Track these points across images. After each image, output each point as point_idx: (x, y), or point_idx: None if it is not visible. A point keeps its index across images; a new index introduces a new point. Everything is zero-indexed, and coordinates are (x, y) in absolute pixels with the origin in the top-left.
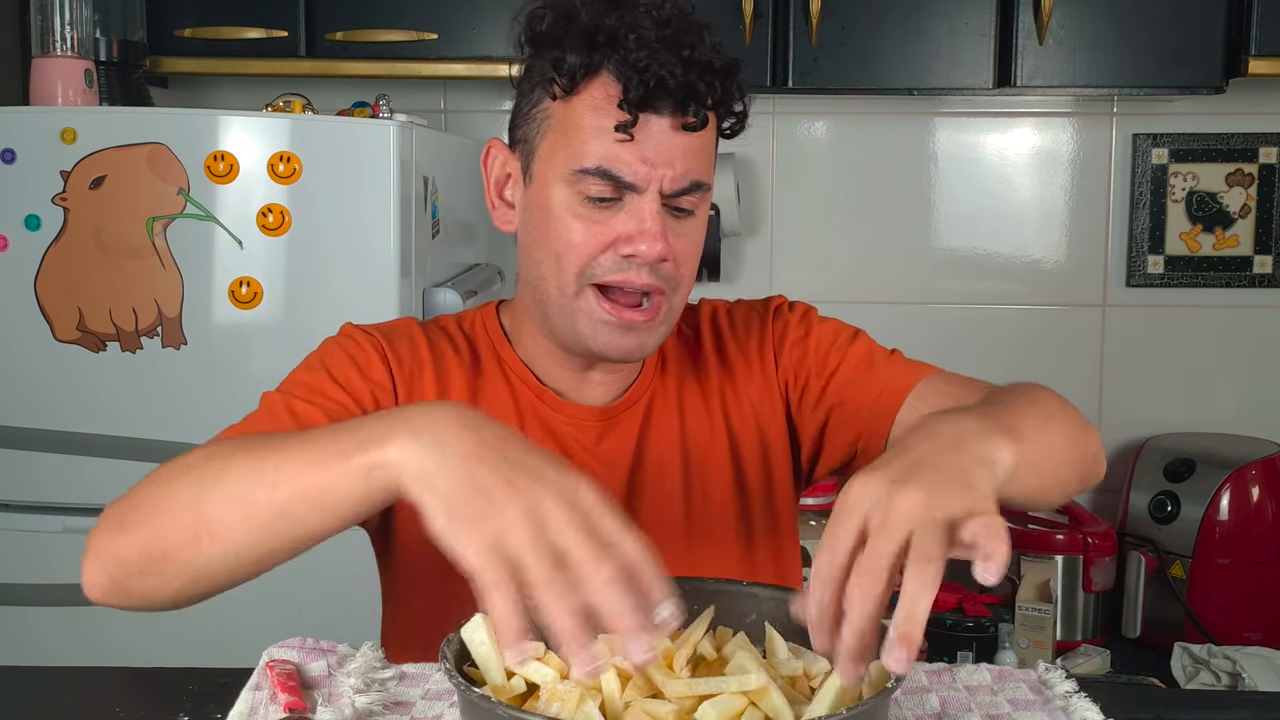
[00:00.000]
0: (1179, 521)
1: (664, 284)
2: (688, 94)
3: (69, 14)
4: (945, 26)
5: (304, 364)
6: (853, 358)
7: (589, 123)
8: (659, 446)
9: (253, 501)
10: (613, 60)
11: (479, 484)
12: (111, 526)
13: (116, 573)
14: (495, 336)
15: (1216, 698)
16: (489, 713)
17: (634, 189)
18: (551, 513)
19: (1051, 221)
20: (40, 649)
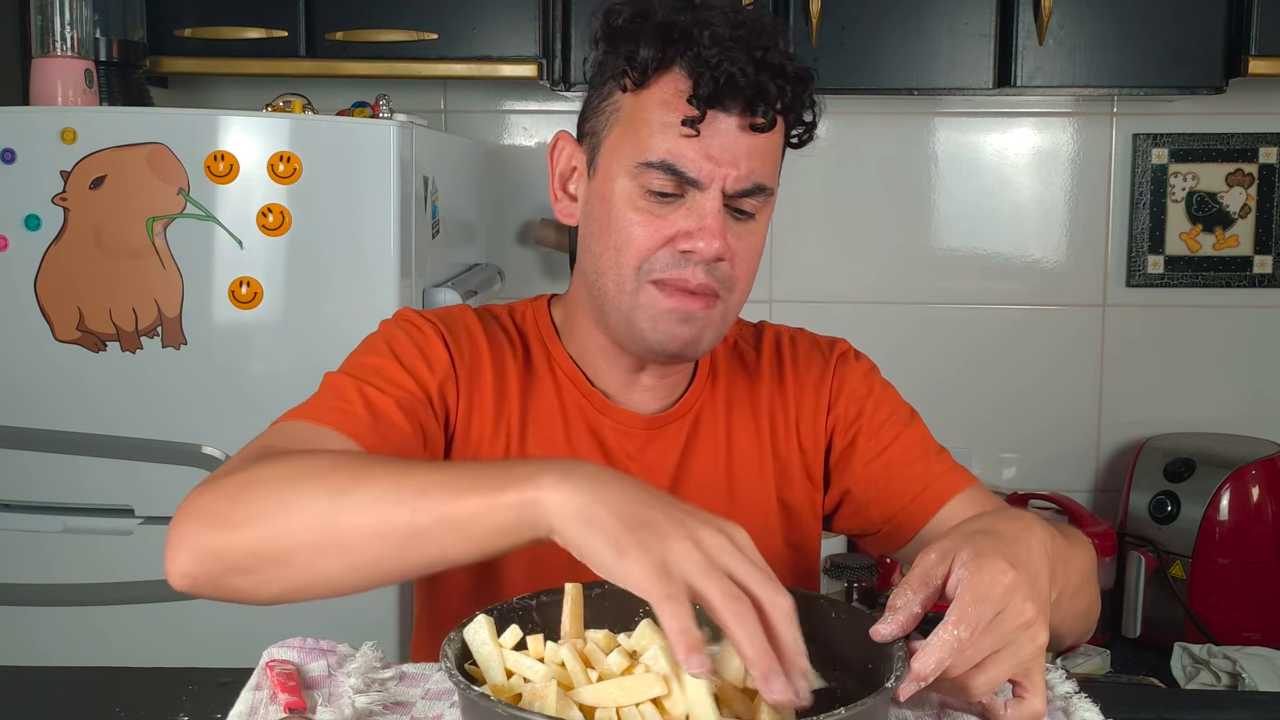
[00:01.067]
0: (1179, 521)
1: (719, 286)
2: (757, 94)
3: (69, 14)
4: (945, 26)
5: (368, 346)
6: (908, 440)
7: (657, 117)
8: (703, 460)
9: (391, 520)
10: (685, 56)
11: (643, 519)
12: (209, 520)
13: (214, 568)
14: (546, 332)
15: (1216, 698)
16: (489, 712)
17: (696, 185)
18: (717, 546)
19: (1051, 221)
20: (40, 649)
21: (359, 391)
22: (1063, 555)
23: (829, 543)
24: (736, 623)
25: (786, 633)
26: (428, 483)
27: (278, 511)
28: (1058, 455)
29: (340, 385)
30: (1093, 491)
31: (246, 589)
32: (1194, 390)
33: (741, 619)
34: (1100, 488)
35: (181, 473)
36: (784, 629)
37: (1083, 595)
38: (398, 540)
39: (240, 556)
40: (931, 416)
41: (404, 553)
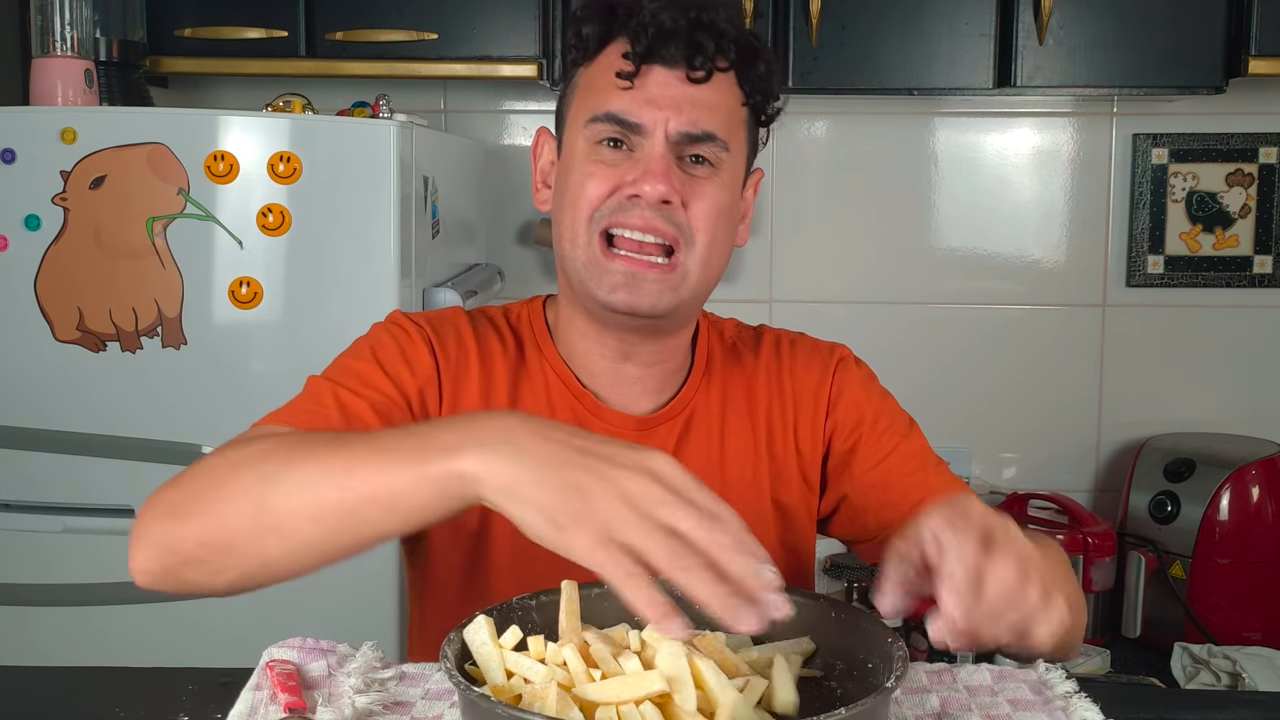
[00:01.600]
0: (1179, 521)
1: (675, 231)
2: (692, 47)
3: (69, 14)
4: (945, 26)
5: (353, 350)
6: (907, 450)
7: (602, 79)
8: (695, 462)
9: (321, 499)
10: (627, 25)
11: (569, 483)
12: (164, 514)
13: (170, 561)
14: (539, 332)
15: (1216, 698)
16: (489, 713)
17: (639, 130)
18: (645, 495)
19: (1051, 221)
20: (40, 649)
21: (334, 395)
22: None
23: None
24: (685, 576)
25: (734, 565)
26: (355, 459)
27: (219, 500)
28: (1058, 455)
29: (317, 389)
30: (1093, 491)
31: (201, 580)
32: (1194, 390)
33: (689, 571)
34: (1100, 488)
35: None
36: (730, 562)
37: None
38: (330, 520)
39: (191, 548)
40: (931, 416)
41: (339, 532)
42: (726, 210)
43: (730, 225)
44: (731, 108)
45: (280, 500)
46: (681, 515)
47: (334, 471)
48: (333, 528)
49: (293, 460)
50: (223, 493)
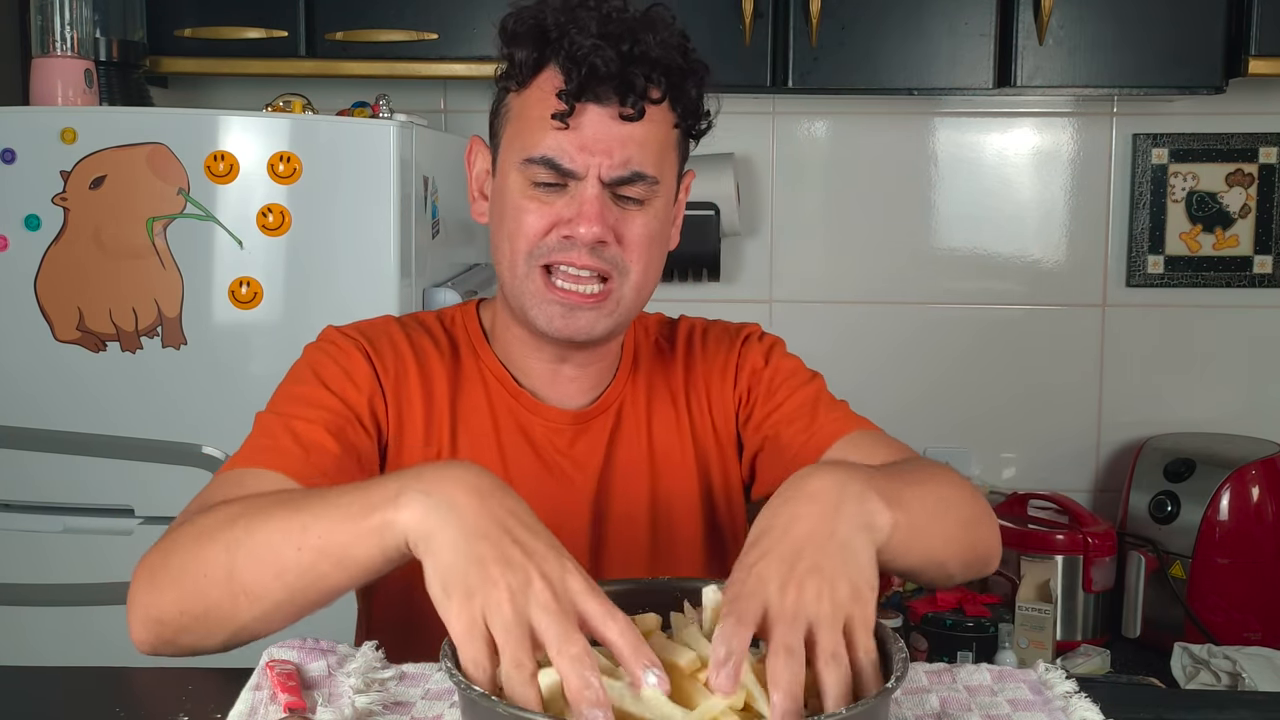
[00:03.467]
0: (1179, 521)
1: (609, 267)
2: (624, 85)
3: (69, 14)
4: (945, 26)
5: (291, 376)
6: (799, 398)
7: (535, 113)
8: (627, 451)
9: (282, 560)
10: (560, 55)
11: (476, 556)
12: (146, 584)
13: (161, 631)
14: (474, 334)
15: (1216, 698)
16: (489, 712)
17: (573, 175)
18: (537, 593)
19: (1051, 221)
20: (40, 649)
21: (286, 427)
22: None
23: None
24: (510, 685)
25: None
26: (309, 516)
27: (192, 572)
28: (1058, 455)
29: (268, 424)
30: (1093, 491)
31: (194, 644)
32: (1194, 390)
33: (516, 683)
34: (1100, 488)
35: (181, 473)
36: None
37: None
38: (292, 579)
39: (175, 618)
40: (931, 416)
41: (302, 590)
42: (658, 234)
43: (662, 244)
44: (663, 137)
45: (246, 565)
46: (553, 623)
47: (291, 532)
48: (295, 586)
49: (254, 525)
50: (194, 564)
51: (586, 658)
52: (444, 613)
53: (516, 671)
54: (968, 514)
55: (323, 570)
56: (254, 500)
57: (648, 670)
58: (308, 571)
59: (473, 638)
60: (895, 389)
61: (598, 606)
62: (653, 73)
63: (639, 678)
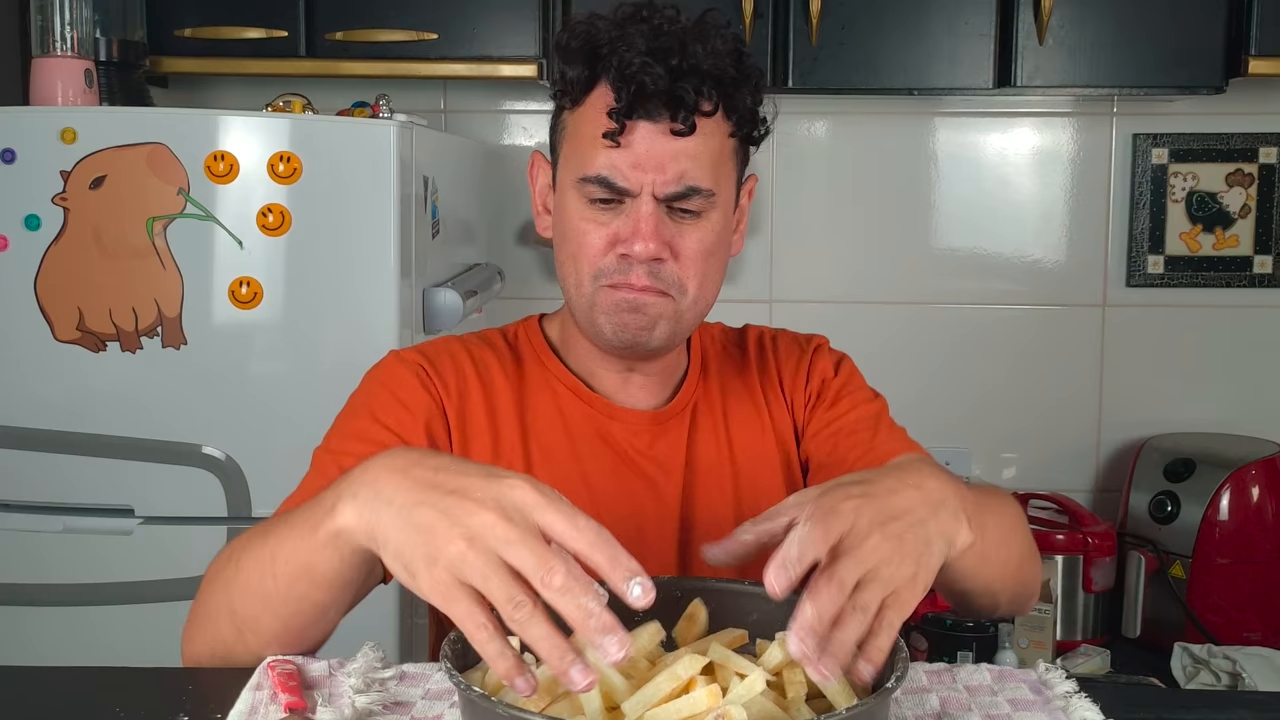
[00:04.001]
0: (1179, 521)
1: (666, 287)
2: (674, 100)
3: (69, 14)
4: (945, 26)
5: (347, 410)
6: (861, 412)
7: (589, 131)
8: (706, 450)
9: (264, 591)
10: (610, 72)
11: (419, 524)
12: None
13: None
14: (541, 349)
15: (1216, 698)
16: (489, 712)
17: (627, 193)
18: (493, 529)
19: (1051, 221)
20: (40, 649)
21: (337, 465)
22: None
23: None
24: (520, 630)
25: (567, 609)
26: (276, 543)
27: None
28: (1058, 455)
29: (321, 464)
30: (1093, 491)
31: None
32: (1194, 390)
33: (523, 624)
34: (1100, 488)
35: (181, 473)
36: (561, 606)
37: (1009, 547)
38: (278, 606)
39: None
40: (931, 416)
41: (291, 616)
42: (716, 246)
43: (721, 256)
44: (718, 148)
45: (239, 601)
46: (522, 554)
47: (264, 561)
48: (282, 613)
49: (241, 560)
50: (208, 607)
51: (574, 583)
52: (416, 589)
53: (517, 611)
54: (1024, 551)
55: (300, 591)
56: (243, 535)
57: (631, 581)
58: (287, 594)
59: (454, 598)
60: (895, 389)
61: (557, 517)
62: (703, 85)
63: (623, 591)
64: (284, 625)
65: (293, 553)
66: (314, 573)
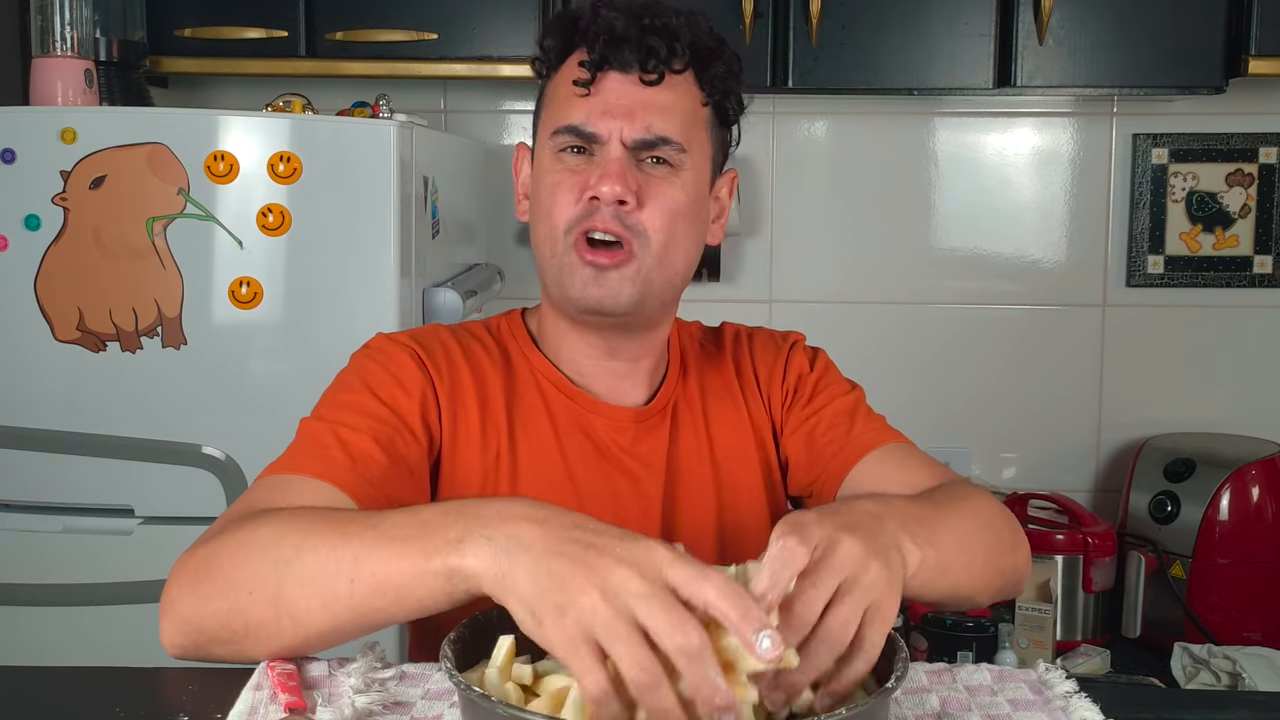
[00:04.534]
0: (1179, 521)
1: (630, 233)
2: (643, 50)
3: (69, 14)
4: (945, 26)
5: (339, 383)
6: (839, 405)
7: (563, 90)
8: (688, 448)
9: (332, 592)
10: (585, 34)
11: (552, 573)
12: (188, 589)
13: (198, 638)
14: (524, 342)
15: (1216, 698)
16: (489, 713)
17: (596, 139)
18: (626, 586)
19: (1051, 221)
20: (40, 649)
21: (334, 434)
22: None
23: None
24: (642, 695)
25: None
26: (363, 548)
27: (236, 585)
28: (1058, 455)
29: (315, 431)
30: (1093, 491)
31: (228, 656)
32: (1194, 390)
33: (649, 691)
34: (1100, 488)
35: (181, 473)
36: (688, 673)
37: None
38: (340, 610)
39: (213, 628)
40: (931, 416)
41: (350, 621)
42: (686, 210)
43: (693, 225)
44: (690, 109)
45: (293, 589)
46: (654, 610)
47: (343, 561)
48: (343, 617)
49: (304, 546)
50: (240, 576)
51: (705, 650)
52: (542, 639)
53: (644, 676)
54: (995, 543)
55: (376, 605)
56: (303, 516)
57: (760, 635)
58: (360, 605)
59: (578, 652)
60: (895, 389)
61: (686, 570)
62: (674, 42)
63: (750, 644)
64: (337, 627)
65: (384, 567)
66: (405, 595)
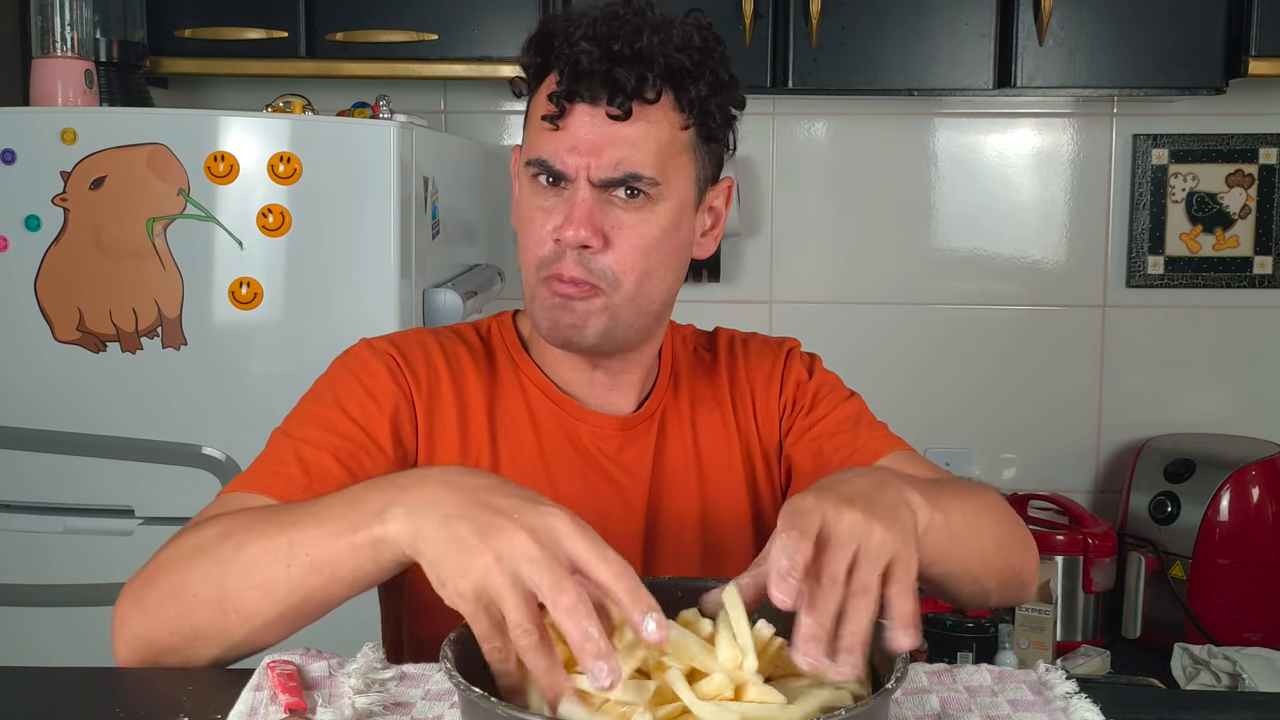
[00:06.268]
0: (1179, 522)
1: (593, 278)
2: (609, 84)
3: (69, 14)
4: (945, 27)
5: (313, 394)
6: (841, 413)
7: (535, 118)
8: (674, 459)
9: (271, 578)
10: (558, 58)
11: (456, 537)
12: (134, 605)
13: (147, 651)
14: (512, 344)
15: (1216, 698)
16: (489, 713)
17: (563, 177)
18: (520, 546)
19: (1051, 222)
20: (40, 649)
21: (295, 452)
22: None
23: None
24: (524, 655)
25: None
26: (296, 532)
27: (182, 591)
28: (1058, 455)
29: (279, 447)
30: (1093, 492)
31: (181, 661)
32: (1194, 390)
33: (526, 650)
34: (1100, 488)
35: (181, 473)
36: (564, 625)
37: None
38: (281, 595)
39: (163, 637)
40: (931, 417)
41: (293, 606)
42: (660, 243)
43: (670, 254)
44: (664, 137)
45: (236, 584)
46: (540, 572)
47: (279, 550)
48: (285, 602)
49: (244, 542)
50: (185, 583)
51: (581, 606)
52: (449, 601)
53: (524, 638)
54: (1005, 535)
55: (314, 585)
56: (242, 516)
57: (646, 616)
58: (299, 586)
59: (476, 617)
60: (894, 389)
61: (587, 548)
62: (646, 71)
63: (638, 624)
64: (281, 615)
65: (316, 546)
66: (339, 571)
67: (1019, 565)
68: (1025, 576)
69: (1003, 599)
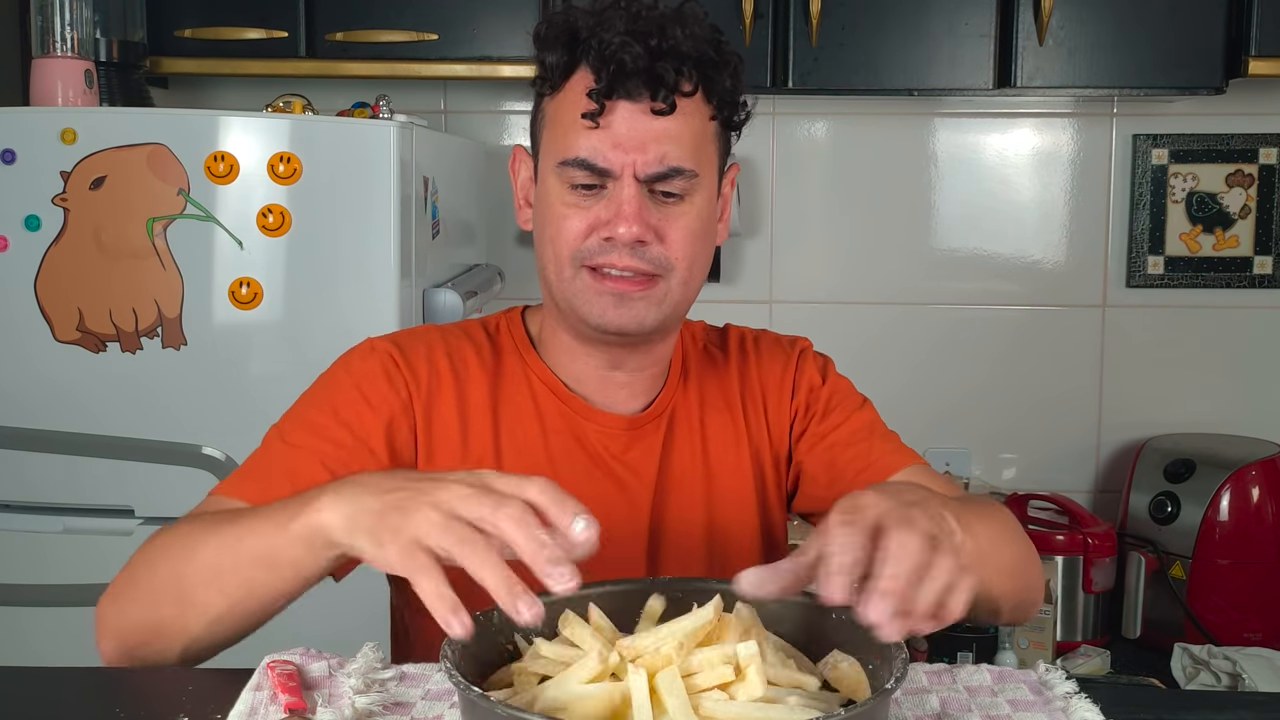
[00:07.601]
0: (1179, 522)
1: (652, 267)
2: (653, 79)
3: (69, 14)
4: (945, 27)
5: (312, 394)
6: (855, 421)
7: (569, 116)
8: (681, 458)
9: (220, 571)
10: (589, 56)
11: (392, 504)
12: (109, 602)
13: (123, 646)
14: (521, 342)
15: (1216, 698)
16: (489, 713)
17: (609, 175)
18: (454, 495)
19: (1051, 222)
20: (40, 649)
21: (283, 459)
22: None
23: None
24: (467, 558)
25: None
26: (244, 529)
27: (148, 588)
28: (1058, 455)
29: (269, 452)
30: (1093, 492)
31: (154, 656)
32: (1194, 390)
33: (470, 553)
34: (1100, 488)
35: (181, 473)
36: (515, 538)
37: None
38: (230, 588)
39: (135, 630)
40: (930, 417)
41: (241, 599)
42: (702, 230)
43: (708, 239)
44: (699, 129)
45: (192, 580)
46: (475, 504)
47: (228, 543)
48: (234, 595)
49: (202, 540)
50: (151, 581)
51: (529, 517)
52: (383, 561)
53: (465, 546)
54: (1020, 555)
55: (257, 576)
56: (208, 518)
57: (576, 518)
58: (245, 579)
59: (415, 559)
60: (894, 389)
61: (510, 480)
62: (683, 65)
63: (567, 527)
64: (230, 607)
65: (258, 539)
66: (279, 561)
67: (1032, 584)
68: (1035, 595)
69: (1012, 618)
